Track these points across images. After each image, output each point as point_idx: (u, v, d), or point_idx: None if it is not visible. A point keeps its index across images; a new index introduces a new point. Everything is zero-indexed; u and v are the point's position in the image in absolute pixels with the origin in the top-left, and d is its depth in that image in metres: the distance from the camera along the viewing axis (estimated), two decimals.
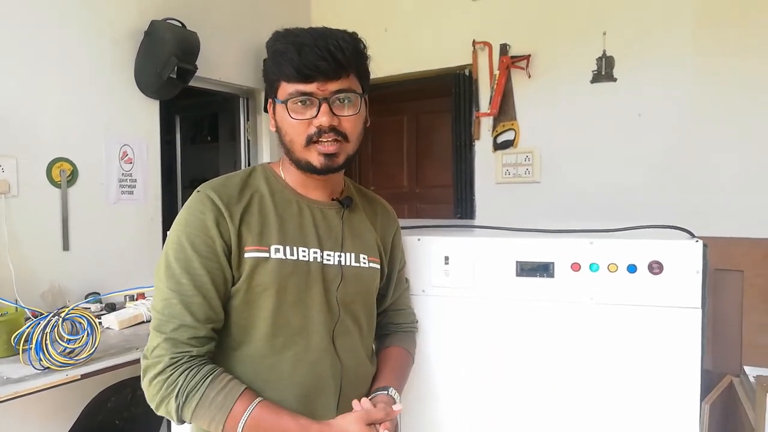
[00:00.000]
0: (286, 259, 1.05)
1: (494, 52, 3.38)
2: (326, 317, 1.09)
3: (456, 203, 3.58)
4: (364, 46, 1.09)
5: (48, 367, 1.68)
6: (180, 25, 2.90)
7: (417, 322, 1.38)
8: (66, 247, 2.54)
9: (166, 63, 2.78)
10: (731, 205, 2.83)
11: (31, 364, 1.67)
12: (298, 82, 1.02)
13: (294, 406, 1.03)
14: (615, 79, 3.08)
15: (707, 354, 2.79)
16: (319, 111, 1.03)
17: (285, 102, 1.04)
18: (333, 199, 1.16)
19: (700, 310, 1.26)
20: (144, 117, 2.91)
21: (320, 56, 1.00)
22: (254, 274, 1.03)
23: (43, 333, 1.68)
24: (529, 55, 3.27)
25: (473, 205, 3.52)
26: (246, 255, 1.03)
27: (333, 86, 1.03)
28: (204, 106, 4.52)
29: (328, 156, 1.05)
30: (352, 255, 1.14)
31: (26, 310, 1.94)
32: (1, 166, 2.30)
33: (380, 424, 1.01)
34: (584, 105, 3.17)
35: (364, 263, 1.16)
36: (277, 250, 1.05)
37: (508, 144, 3.38)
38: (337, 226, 1.14)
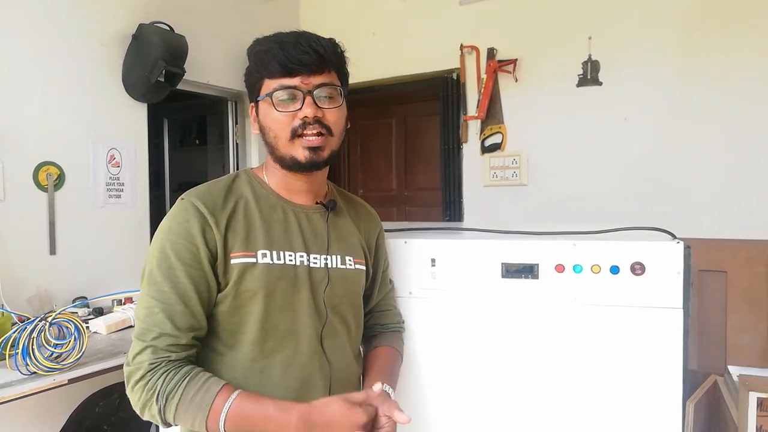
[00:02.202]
0: (273, 263, 1.07)
1: (482, 56, 3.41)
2: (314, 320, 1.10)
3: (444, 206, 3.60)
4: (343, 50, 1.13)
5: (35, 372, 1.67)
6: (168, 28, 2.90)
7: (403, 322, 1.40)
8: (53, 251, 2.53)
9: (154, 66, 2.78)
10: (715, 206, 2.87)
11: (18, 369, 1.66)
12: (283, 76, 1.05)
13: None
14: (600, 83, 3.12)
15: (692, 354, 2.83)
16: (303, 103, 1.05)
17: (269, 95, 1.06)
18: (317, 203, 1.17)
19: (681, 310, 1.29)
20: (132, 120, 2.90)
21: (303, 51, 1.04)
22: (242, 280, 1.04)
23: (29, 338, 1.67)
24: (516, 59, 3.30)
25: (461, 207, 3.54)
26: (233, 261, 1.04)
27: (316, 80, 1.06)
28: (192, 110, 4.50)
29: (313, 149, 1.07)
30: (338, 257, 1.16)
31: (12, 315, 1.93)
32: None
33: (363, 404, 1.00)
34: (570, 108, 3.20)
35: (350, 265, 1.18)
36: (264, 255, 1.06)
37: (495, 147, 3.41)
38: (323, 230, 1.15)
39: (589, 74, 3.13)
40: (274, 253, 1.07)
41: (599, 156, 3.14)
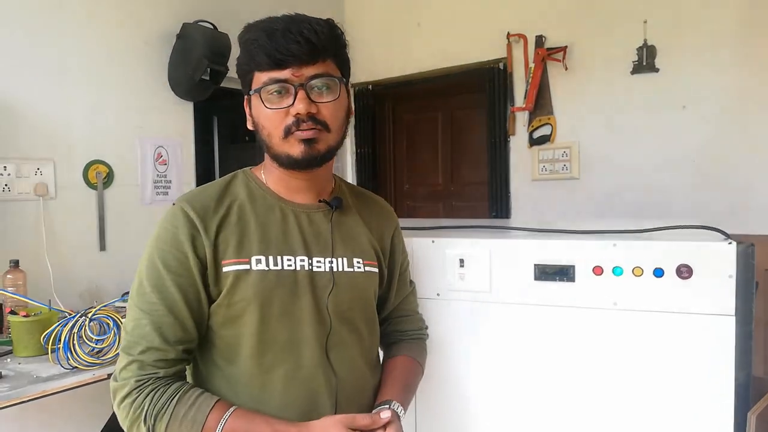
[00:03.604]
0: (269, 269, 0.99)
1: (529, 45, 3.28)
2: (318, 329, 1.02)
3: (491, 201, 3.50)
4: (341, 32, 1.03)
5: (75, 367, 1.72)
6: (211, 26, 2.93)
7: (426, 328, 1.29)
8: (103, 247, 2.61)
9: (198, 65, 2.82)
10: None
11: (59, 364, 1.71)
12: (271, 69, 0.96)
13: None
14: (657, 70, 2.94)
15: (759, 360, 2.64)
16: (295, 98, 0.96)
17: (258, 91, 0.98)
18: (320, 201, 1.09)
19: (733, 318, 1.17)
20: (178, 119, 2.96)
21: (293, 39, 0.94)
22: (235, 289, 0.97)
23: (70, 333, 1.72)
24: (566, 47, 3.16)
25: (509, 203, 3.43)
26: (224, 269, 0.97)
27: (309, 71, 0.97)
28: (241, 107, 4.55)
29: (308, 142, 0.98)
30: (345, 260, 1.07)
31: (59, 311, 1.99)
32: (39, 169, 2.38)
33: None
34: (624, 97, 3.04)
35: (359, 268, 1.08)
36: (258, 261, 0.99)
37: (544, 139, 3.28)
38: (326, 230, 1.07)
39: (645, 60, 2.96)
40: (271, 258, 1.00)
41: (656, 147, 2.97)
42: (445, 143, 3.97)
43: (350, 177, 4.11)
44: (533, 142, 3.32)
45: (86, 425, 2.30)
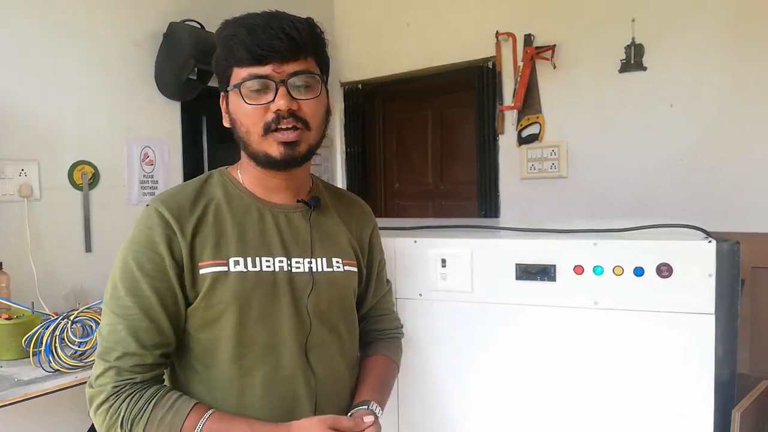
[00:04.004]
0: (248, 271, 0.98)
1: (518, 43, 3.27)
2: (297, 330, 1.01)
3: (480, 200, 3.50)
4: (321, 31, 1.02)
5: (58, 370, 1.70)
6: (198, 26, 2.92)
7: (402, 327, 1.30)
8: (88, 248, 2.59)
9: (185, 64, 2.80)
10: None
11: (41, 367, 1.70)
12: (252, 65, 0.95)
13: None
14: (645, 68, 2.94)
15: (744, 357, 2.64)
16: (276, 95, 0.95)
17: (238, 87, 0.96)
18: (299, 201, 1.08)
19: (713, 316, 1.17)
20: (165, 119, 2.94)
21: (274, 35, 0.94)
22: (213, 291, 0.96)
23: (51, 336, 1.70)
24: (554, 45, 3.15)
25: (498, 202, 3.43)
26: (201, 271, 0.96)
27: (290, 68, 0.96)
28: None
29: (288, 145, 0.97)
30: (324, 260, 1.06)
31: (42, 314, 1.98)
32: (23, 170, 2.36)
33: None
34: (613, 96, 3.03)
35: (338, 267, 1.08)
36: (236, 263, 0.97)
37: (533, 138, 3.28)
38: (305, 230, 1.06)
39: (633, 59, 2.96)
40: (249, 259, 0.98)
41: (644, 146, 2.97)
42: (435, 142, 3.96)
43: (340, 176, 4.09)
44: (522, 140, 3.32)
45: (72, 428, 2.28)
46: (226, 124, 1.05)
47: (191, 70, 2.81)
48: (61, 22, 2.50)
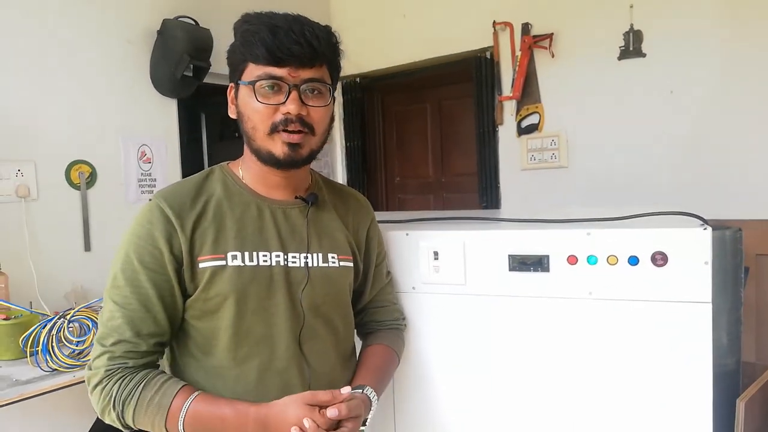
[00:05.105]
0: (245, 265, 1.01)
1: (516, 33, 3.25)
2: (292, 323, 1.04)
3: (480, 192, 3.48)
4: (338, 41, 1.04)
5: (55, 369, 1.71)
6: (192, 22, 2.90)
7: (404, 319, 1.31)
8: (87, 247, 2.59)
9: (179, 61, 2.79)
10: None
11: (39, 366, 1.70)
12: (269, 64, 0.98)
13: None
14: (644, 55, 2.91)
15: (749, 345, 2.62)
16: (288, 98, 0.98)
17: (252, 84, 0.98)
18: (296, 197, 1.10)
19: (709, 305, 1.15)
20: (161, 116, 2.93)
21: (295, 40, 0.96)
22: (211, 284, 0.99)
23: (48, 335, 1.70)
24: (552, 34, 3.12)
25: (498, 193, 3.41)
26: (201, 265, 0.99)
27: (305, 74, 0.99)
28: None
29: (292, 146, 1.00)
30: (320, 255, 1.09)
31: (40, 313, 1.98)
32: (20, 170, 2.36)
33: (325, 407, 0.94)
34: (612, 83, 3.00)
35: (334, 263, 1.10)
36: (234, 257, 1.01)
37: (532, 128, 3.25)
38: (302, 226, 1.09)
39: (632, 45, 2.92)
40: (246, 254, 1.01)
41: (644, 133, 2.94)
42: (435, 135, 3.94)
43: (340, 171, 4.08)
44: (521, 131, 3.29)
45: (70, 428, 2.29)
46: (231, 114, 1.07)
47: (186, 66, 2.80)
48: (55, 21, 2.49)
